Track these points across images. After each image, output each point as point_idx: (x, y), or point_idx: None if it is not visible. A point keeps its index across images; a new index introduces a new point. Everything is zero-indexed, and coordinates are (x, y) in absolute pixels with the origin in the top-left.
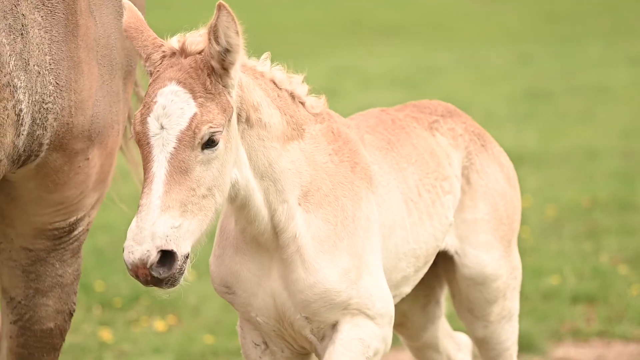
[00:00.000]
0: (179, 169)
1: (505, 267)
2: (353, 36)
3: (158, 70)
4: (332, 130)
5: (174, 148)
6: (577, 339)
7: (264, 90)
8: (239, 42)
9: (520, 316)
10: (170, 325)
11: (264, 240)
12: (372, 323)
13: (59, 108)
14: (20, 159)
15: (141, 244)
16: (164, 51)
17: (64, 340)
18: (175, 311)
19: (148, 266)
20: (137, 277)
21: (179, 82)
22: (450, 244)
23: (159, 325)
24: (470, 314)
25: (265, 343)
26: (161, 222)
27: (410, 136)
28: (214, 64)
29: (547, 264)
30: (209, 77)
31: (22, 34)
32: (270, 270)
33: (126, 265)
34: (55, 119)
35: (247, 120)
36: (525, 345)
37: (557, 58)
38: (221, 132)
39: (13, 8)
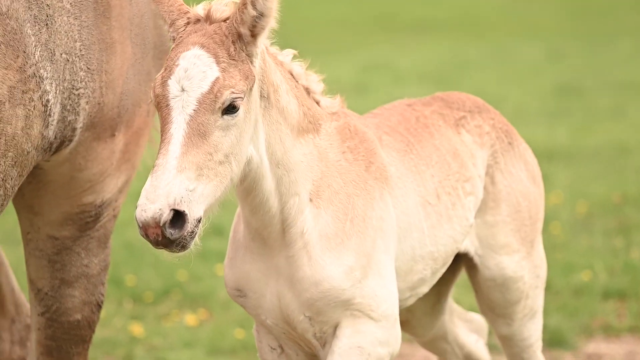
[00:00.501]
0: (197, 132)
1: (527, 267)
2: (384, 32)
3: (181, 36)
4: (348, 128)
5: (194, 110)
6: (608, 335)
7: (283, 76)
8: (274, 7)
9: (551, 312)
10: (201, 320)
11: (267, 234)
12: (374, 327)
13: (90, 91)
14: (53, 147)
15: (154, 202)
16: (188, 17)
17: (93, 332)
18: (206, 305)
19: (161, 224)
20: (147, 236)
21: (202, 47)
22: (470, 245)
23: (190, 319)
24: (492, 312)
25: (281, 347)
26: (176, 182)
27: (434, 136)
28: (243, 30)
29: (577, 260)
30: (234, 44)
31: (47, 24)
32: (276, 270)
33: (137, 223)
34: (87, 102)
35: (268, 97)
36: (556, 340)
37: (588, 54)
38: (242, 98)
39: None
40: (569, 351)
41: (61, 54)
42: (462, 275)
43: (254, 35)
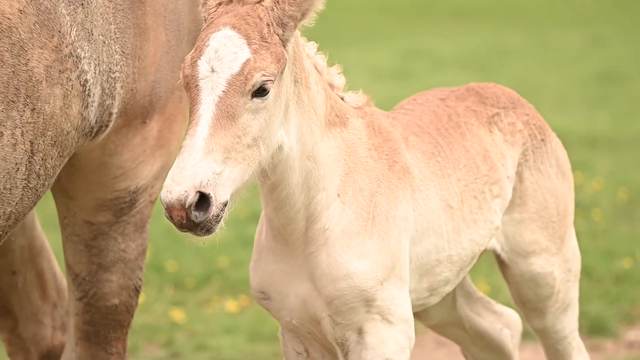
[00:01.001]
0: (226, 114)
1: (556, 263)
2: (425, 18)
3: (212, 17)
4: (373, 126)
5: (223, 92)
6: None
7: (314, 70)
8: None
9: (592, 299)
10: (242, 306)
11: (289, 233)
12: (396, 333)
13: (125, 76)
14: (93, 131)
15: (180, 184)
16: None
17: (131, 317)
18: (247, 292)
19: (186, 207)
20: (172, 218)
21: (233, 27)
22: (496, 243)
23: (231, 305)
24: (524, 306)
25: (306, 351)
26: (203, 164)
27: (465, 137)
28: (297, 12)
29: (619, 247)
30: (268, 27)
31: (82, 4)
32: (299, 269)
33: (162, 205)
34: (122, 86)
35: (301, 82)
36: (597, 328)
37: (630, 41)
38: (273, 81)
39: None
40: (610, 339)
41: (98, 35)
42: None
43: (302, 19)
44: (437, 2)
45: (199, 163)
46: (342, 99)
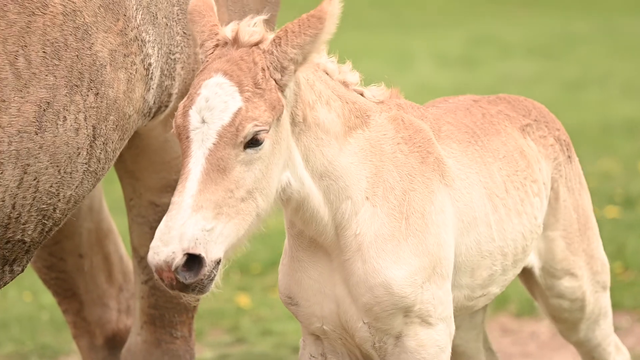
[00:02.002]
0: (217, 167)
1: (585, 277)
2: (492, 3)
3: (207, 60)
4: (401, 118)
5: (214, 144)
6: None
7: (323, 82)
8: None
9: None
10: None
11: (323, 241)
12: (435, 334)
13: (186, 56)
14: (151, 112)
15: (167, 245)
16: (218, 39)
17: (197, 301)
18: None
19: (172, 269)
20: (162, 280)
21: (225, 74)
22: (536, 260)
23: None
24: (553, 318)
25: (323, 355)
26: (191, 223)
27: (500, 134)
28: (299, 55)
29: None
30: (262, 72)
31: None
32: (332, 276)
33: (150, 267)
34: (182, 67)
35: (304, 120)
36: None
37: None
38: (267, 131)
39: None
40: None
41: (162, 18)
42: None
43: (303, 62)
44: None
45: (187, 221)
46: (362, 94)
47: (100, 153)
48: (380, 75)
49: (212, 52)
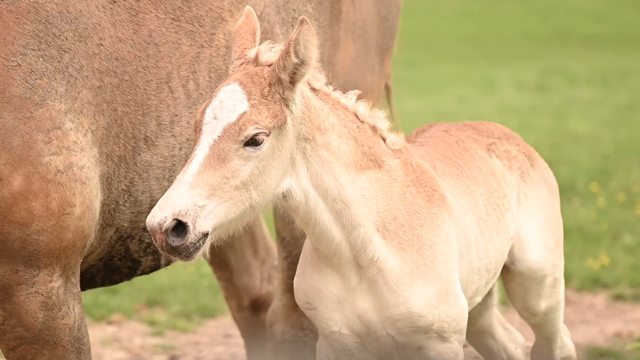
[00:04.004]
0: (217, 156)
1: (557, 262)
2: (561, 43)
3: (232, 72)
4: (410, 163)
5: (219, 136)
6: None
7: (341, 120)
8: (315, 56)
9: None
10: None
11: (338, 261)
12: (450, 345)
13: None
14: None
15: (163, 211)
16: (245, 58)
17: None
18: None
19: (162, 231)
20: (155, 240)
21: (240, 83)
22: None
23: None
24: (521, 307)
25: (338, 358)
26: (186, 196)
27: (475, 158)
28: (284, 76)
29: None
30: (269, 86)
31: (293, 25)
32: (354, 290)
33: (147, 227)
34: None
35: (313, 139)
36: None
37: None
38: (266, 134)
39: (285, 4)
40: None
41: None
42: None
43: (292, 82)
44: (571, 30)
45: (183, 195)
46: (384, 139)
47: None
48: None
49: (239, 66)
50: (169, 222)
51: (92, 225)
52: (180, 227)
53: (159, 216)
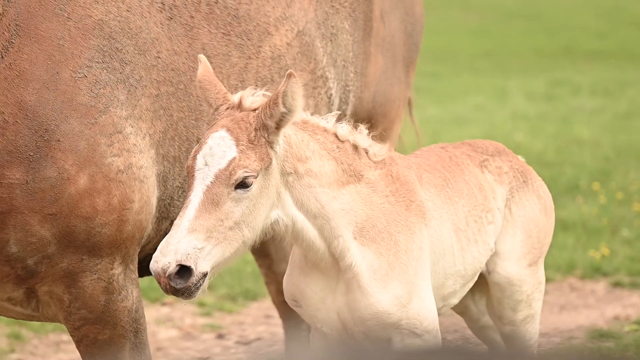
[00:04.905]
0: (211, 201)
1: (529, 280)
2: (567, 58)
3: (217, 118)
4: (391, 174)
5: (211, 182)
6: None
7: (321, 143)
8: (300, 105)
9: None
10: None
11: (324, 266)
12: (420, 341)
13: (355, 88)
14: None
15: (165, 256)
16: (229, 103)
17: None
18: None
19: (166, 275)
20: (159, 284)
21: (228, 130)
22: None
23: None
24: (495, 316)
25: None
26: (185, 241)
27: (464, 172)
28: (270, 122)
29: None
30: (255, 131)
31: (331, 40)
32: (334, 290)
33: (151, 272)
34: (353, 95)
35: (295, 171)
36: None
37: None
38: (255, 176)
39: (325, 21)
40: None
41: (340, 61)
42: None
43: (278, 127)
44: (576, 46)
45: (182, 240)
46: (367, 152)
47: None
48: (486, 105)
49: (224, 112)
50: (172, 268)
51: (149, 219)
52: (182, 270)
53: (162, 262)
